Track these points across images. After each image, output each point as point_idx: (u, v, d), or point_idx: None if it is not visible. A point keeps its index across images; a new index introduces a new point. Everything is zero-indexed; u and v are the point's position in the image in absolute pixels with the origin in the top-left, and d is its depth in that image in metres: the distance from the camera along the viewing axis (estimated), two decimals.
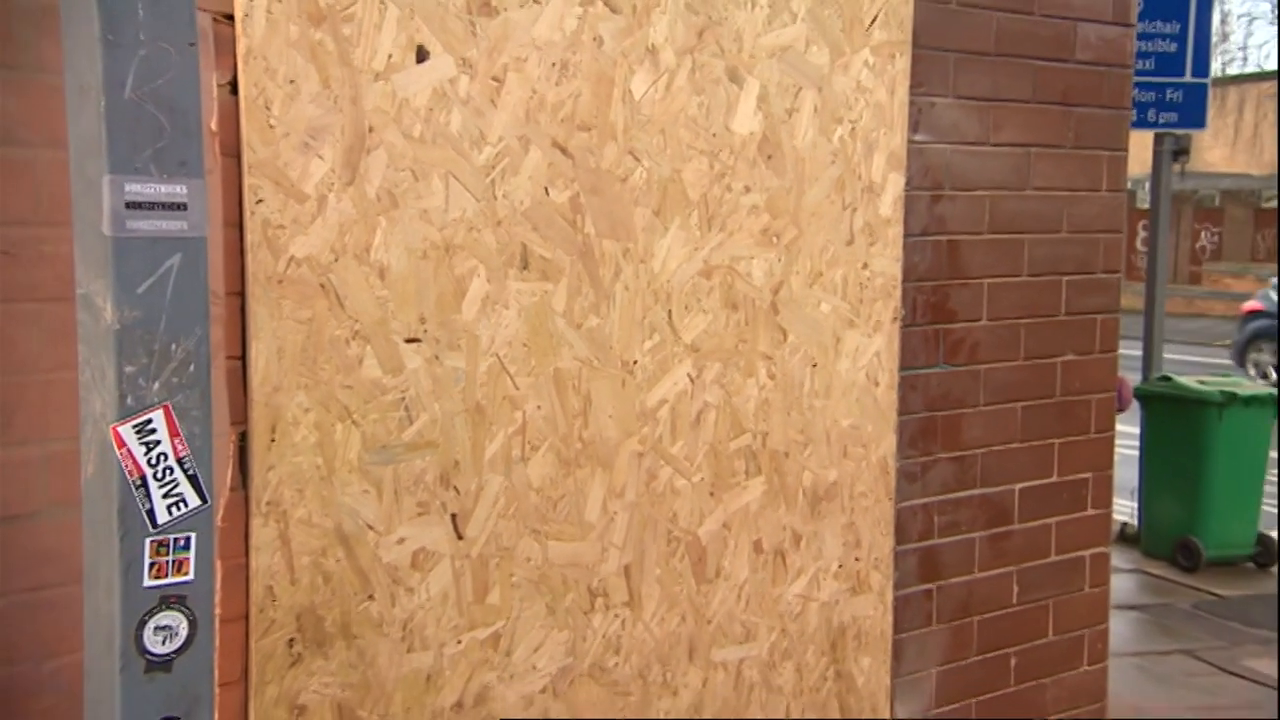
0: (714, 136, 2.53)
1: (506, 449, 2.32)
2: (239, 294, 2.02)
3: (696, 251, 2.54)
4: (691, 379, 2.56)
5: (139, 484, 1.61)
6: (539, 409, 2.36)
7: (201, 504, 1.66)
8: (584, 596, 2.45)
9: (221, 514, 2.02)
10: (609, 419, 2.45)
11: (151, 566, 1.64)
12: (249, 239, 2.01)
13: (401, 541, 2.22)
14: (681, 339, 2.54)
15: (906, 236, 2.90)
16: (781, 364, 2.70)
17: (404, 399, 2.20)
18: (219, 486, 2.00)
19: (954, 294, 3.05)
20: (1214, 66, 7.51)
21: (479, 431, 2.29)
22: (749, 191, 2.60)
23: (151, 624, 1.64)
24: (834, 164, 2.73)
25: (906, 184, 2.89)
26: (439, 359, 2.23)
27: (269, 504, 2.07)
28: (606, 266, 2.41)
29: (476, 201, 2.24)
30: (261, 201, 2.02)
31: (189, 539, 1.66)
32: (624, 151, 2.41)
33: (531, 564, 2.38)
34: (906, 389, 2.96)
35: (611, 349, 2.44)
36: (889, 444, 2.92)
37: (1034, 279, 3.20)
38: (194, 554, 1.66)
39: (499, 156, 2.26)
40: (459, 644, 2.30)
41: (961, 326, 3.07)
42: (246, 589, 2.07)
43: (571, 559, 2.43)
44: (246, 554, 2.06)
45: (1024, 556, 3.25)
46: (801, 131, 2.67)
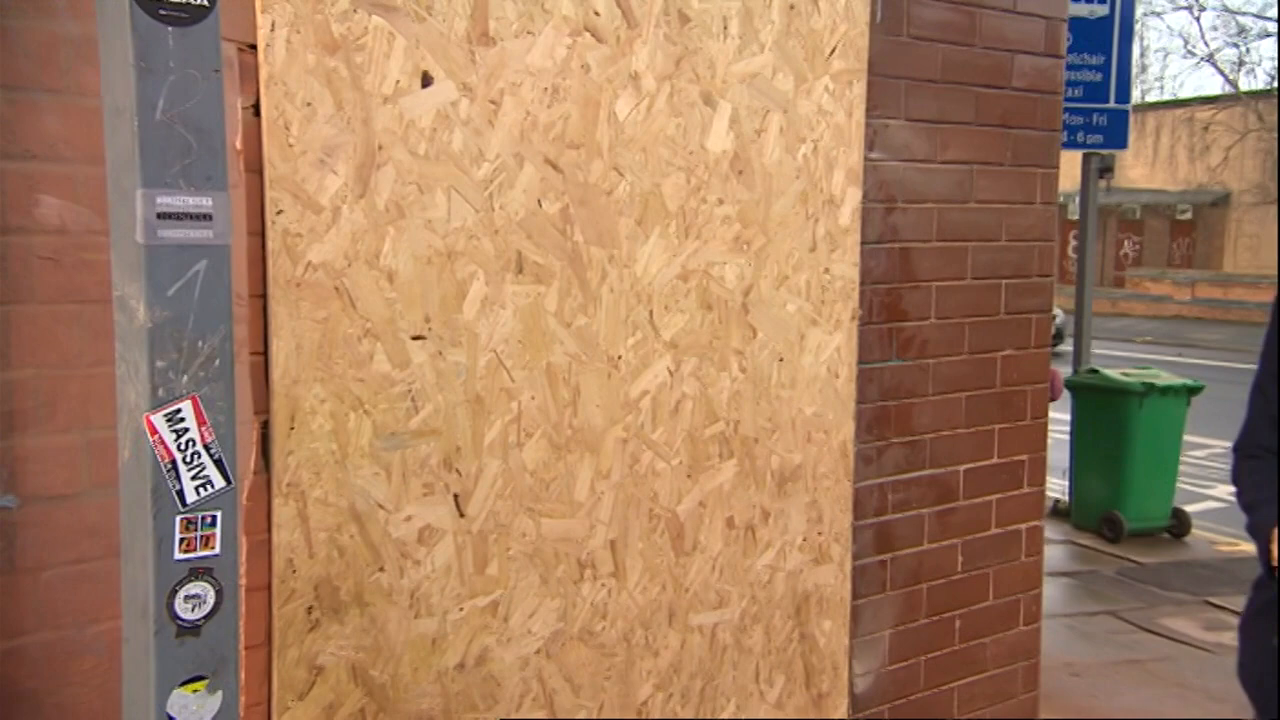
0: (690, 154, 2.52)
1: (504, 436, 2.30)
2: (261, 296, 2.00)
3: (675, 257, 2.52)
4: (670, 372, 2.54)
5: (170, 467, 1.58)
6: (533, 399, 2.34)
7: (226, 485, 1.64)
8: (574, 568, 2.44)
9: (246, 494, 2.01)
10: (596, 408, 2.43)
11: (181, 541, 1.61)
12: (270, 246, 1.99)
13: (409, 519, 2.20)
14: (661, 336, 2.52)
15: (863, 244, 2.89)
16: (751, 358, 2.68)
17: (410, 391, 2.18)
18: (243, 470, 1.98)
19: (906, 296, 3.04)
20: (1134, 94, 7.54)
21: (479, 420, 2.27)
22: (722, 203, 2.59)
23: (182, 593, 1.62)
24: (798, 179, 2.72)
25: (863, 197, 2.87)
26: (442, 354, 2.21)
27: (289, 485, 2.05)
28: (594, 271, 2.40)
29: (476, 212, 2.22)
30: (281, 212, 2.00)
31: (215, 517, 1.63)
32: (609, 167, 2.39)
33: (526, 539, 2.36)
34: (864, 381, 2.95)
35: (598, 345, 2.42)
36: (848, 430, 2.91)
37: (976, 282, 3.20)
38: (220, 530, 1.64)
39: (496, 172, 2.24)
40: (461, 611, 2.28)
41: (912, 325, 3.06)
42: (269, 561, 2.05)
43: (562, 534, 2.41)
44: (269, 530, 2.05)
45: (968, 530, 3.25)
46: (769, 150, 2.65)
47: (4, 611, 1.91)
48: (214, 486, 1.63)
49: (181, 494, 1.60)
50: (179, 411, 1.59)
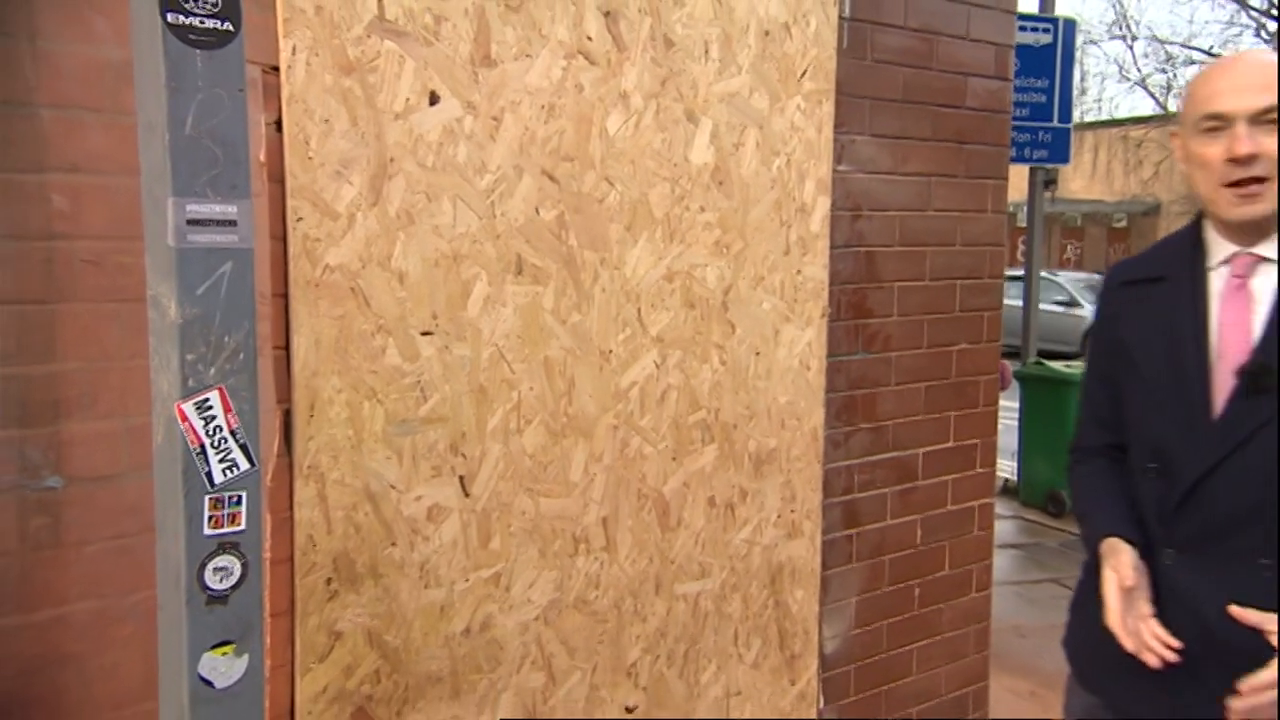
0: (675, 166, 2.50)
1: (505, 422, 2.29)
2: (283, 295, 1.98)
3: (661, 260, 2.51)
4: (657, 365, 2.53)
5: (199, 451, 1.57)
6: (531, 389, 2.32)
7: (250, 468, 1.62)
8: (569, 542, 2.43)
9: (270, 476, 1.99)
10: (589, 398, 2.42)
11: (210, 519, 1.60)
12: (291, 250, 1.97)
13: (419, 498, 2.18)
14: (649, 332, 2.51)
15: (832, 248, 2.88)
16: (731, 352, 2.67)
17: (419, 382, 2.16)
18: (267, 454, 1.96)
19: (870, 295, 3.03)
20: (1075, 114, 7.58)
21: (482, 408, 2.25)
22: (704, 211, 2.57)
23: (211, 565, 1.61)
24: (773, 189, 2.70)
25: (832, 205, 2.86)
26: (448, 348, 2.19)
27: (309, 468, 2.04)
28: (587, 272, 2.38)
29: (479, 219, 2.20)
30: (301, 219, 1.98)
31: (241, 496, 1.62)
32: (601, 178, 2.38)
33: (526, 516, 2.34)
34: (832, 372, 2.94)
35: (591, 340, 2.41)
36: (818, 417, 2.90)
37: (934, 283, 3.19)
38: (245, 509, 1.62)
39: (497, 182, 2.22)
40: (467, 581, 2.27)
41: (877, 321, 3.05)
42: (291, 537, 2.04)
43: (559, 512, 2.40)
44: (291, 509, 2.03)
45: (926, 507, 3.25)
46: (746, 162, 2.64)
47: (52, 582, 1.90)
48: (239, 469, 1.62)
49: (210, 475, 1.59)
50: (207, 400, 1.57)
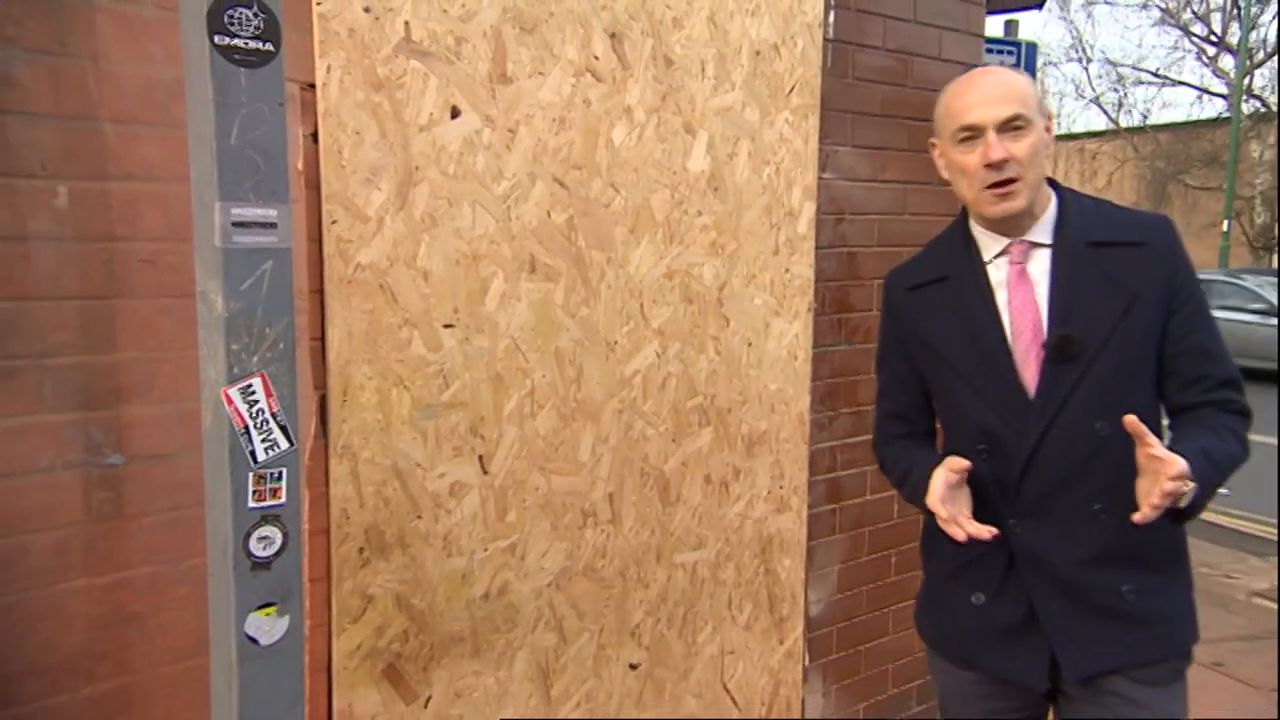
0: (674, 174, 2.50)
1: (520, 407, 2.29)
2: (319, 291, 1.98)
3: (661, 259, 2.50)
4: (658, 355, 2.53)
5: (243, 432, 1.57)
6: (544, 377, 2.32)
7: (290, 447, 1.63)
8: (578, 516, 2.43)
9: (308, 455, 1.99)
10: (596, 385, 2.42)
11: (254, 493, 1.60)
12: (326, 250, 1.98)
13: (442, 475, 2.19)
14: (650, 325, 2.50)
15: (817, 249, 2.87)
16: (725, 343, 2.67)
17: (442, 370, 2.16)
18: (304, 435, 1.97)
19: (852, 291, 3.02)
20: None
21: (499, 394, 2.25)
22: (700, 215, 2.57)
23: (255, 535, 1.61)
24: (764, 194, 2.70)
25: (817, 210, 2.85)
26: (468, 340, 2.19)
27: (343, 448, 2.04)
28: (594, 271, 2.38)
29: (496, 222, 2.20)
30: (335, 222, 1.98)
31: (281, 473, 1.62)
32: (607, 185, 2.37)
33: (539, 492, 2.35)
34: (817, 361, 2.94)
35: (598, 332, 2.41)
36: (805, 402, 2.90)
37: None
38: (285, 484, 1.63)
39: (513, 188, 2.22)
40: (485, 551, 2.27)
41: (858, 315, 3.05)
42: (327, 510, 2.04)
43: (569, 489, 2.40)
44: (327, 485, 2.03)
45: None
46: (739, 170, 2.63)
47: (115, 549, 1.91)
48: (280, 448, 1.62)
49: (254, 454, 1.59)
50: (251, 386, 1.58)
